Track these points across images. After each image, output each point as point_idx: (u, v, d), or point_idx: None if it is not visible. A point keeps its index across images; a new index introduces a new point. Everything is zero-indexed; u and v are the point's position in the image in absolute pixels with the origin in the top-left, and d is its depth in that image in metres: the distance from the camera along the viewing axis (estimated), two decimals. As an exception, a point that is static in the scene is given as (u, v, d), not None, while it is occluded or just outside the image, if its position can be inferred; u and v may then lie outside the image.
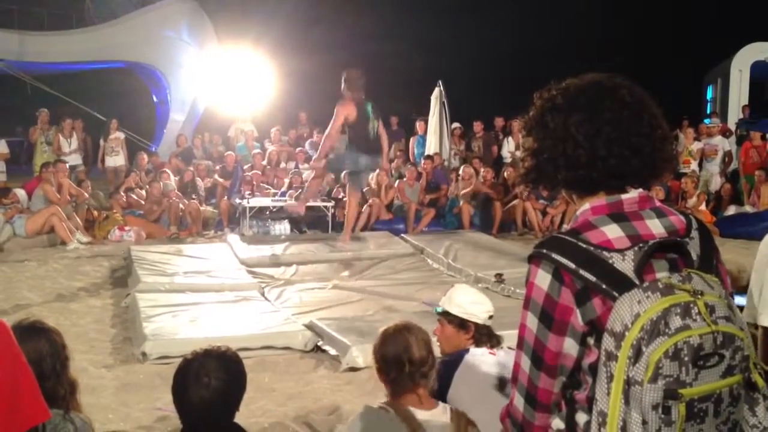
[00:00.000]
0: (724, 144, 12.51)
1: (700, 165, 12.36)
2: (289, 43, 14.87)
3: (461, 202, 10.73)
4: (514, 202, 10.77)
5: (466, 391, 2.71)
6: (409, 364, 2.39)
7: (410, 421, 2.31)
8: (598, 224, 1.44)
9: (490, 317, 2.95)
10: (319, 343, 5.34)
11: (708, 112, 16.39)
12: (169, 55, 15.74)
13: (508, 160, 12.17)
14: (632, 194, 1.48)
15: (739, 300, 2.23)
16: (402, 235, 9.80)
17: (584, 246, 1.41)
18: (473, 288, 3.13)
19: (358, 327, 5.36)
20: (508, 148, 12.52)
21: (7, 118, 16.36)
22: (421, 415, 2.35)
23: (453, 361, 2.83)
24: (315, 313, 6.15)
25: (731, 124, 14.76)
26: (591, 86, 1.51)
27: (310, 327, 5.59)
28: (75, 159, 11.85)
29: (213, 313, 5.97)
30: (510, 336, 2.14)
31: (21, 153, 14.57)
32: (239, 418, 2.36)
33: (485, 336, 2.91)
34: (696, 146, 12.32)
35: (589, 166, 1.46)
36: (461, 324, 2.92)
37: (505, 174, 11.31)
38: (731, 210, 11.12)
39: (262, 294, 6.82)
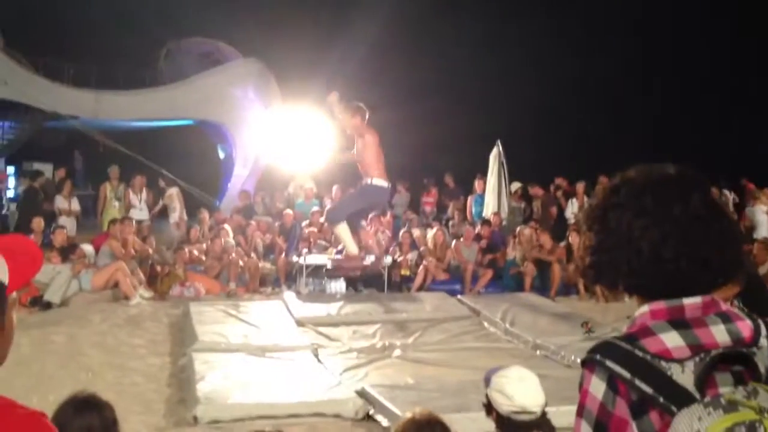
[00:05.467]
0: None
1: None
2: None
3: (524, 264, 10.54)
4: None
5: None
6: None
7: None
8: (656, 331, 1.36)
9: (518, 413, 2.67)
10: (370, 412, 5.26)
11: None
12: (236, 112, 16.32)
13: (572, 221, 11.97)
14: (695, 299, 1.40)
15: None
16: (458, 296, 9.68)
17: (641, 354, 1.33)
18: (523, 374, 2.81)
19: (410, 396, 5.26)
20: (572, 209, 12.34)
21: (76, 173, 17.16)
22: None
23: None
24: (367, 378, 6.08)
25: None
26: (659, 185, 1.42)
27: (361, 394, 5.51)
28: (142, 214, 12.26)
29: (266, 375, 5.97)
30: (567, 412, 2.01)
31: (89, 208, 15.11)
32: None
33: (514, 428, 2.68)
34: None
35: (652, 278, 1.39)
36: (488, 408, 2.79)
37: (569, 237, 11.07)
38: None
39: (316, 355, 6.79)
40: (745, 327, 1.41)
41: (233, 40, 17.99)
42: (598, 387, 1.36)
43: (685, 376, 1.31)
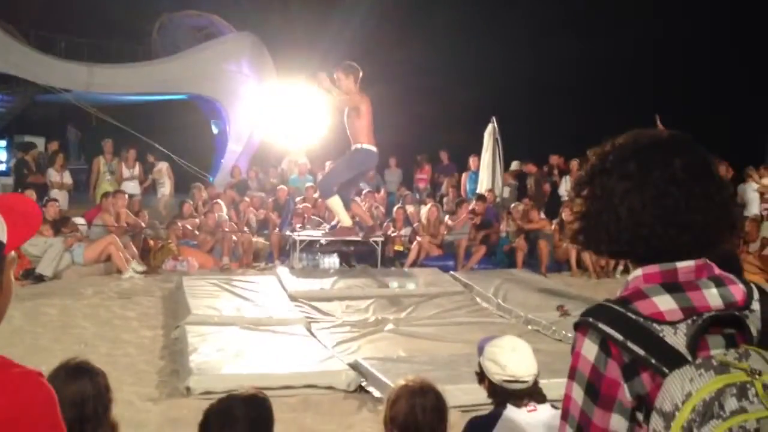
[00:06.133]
0: None
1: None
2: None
3: (515, 240, 10.56)
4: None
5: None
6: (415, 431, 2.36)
7: None
8: (649, 294, 1.36)
9: (510, 382, 2.67)
10: (362, 383, 5.28)
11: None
12: (230, 87, 16.16)
13: (565, 198, 12.00)
14: (688, 262, 1.40)
15: None
16: (451, 272, 9.70)
17: (633, 317, 1.33)
18: (516, 344, 2.80)
19: (402, 369, 5.27)
20: (566, 186, 12.34)
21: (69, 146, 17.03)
22: None
23: (487, 419, 2.71)
24: (360, 352, 6.10)
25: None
26: (644, 150, 1.41)
27: (354, 366, 5.53)
28: (134, 188, 12.20)
29: (259, 348, 5.98)
30: (559, 384, 2.02)
31: (82, 181, 15.05)
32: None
33: (506, 397, 2.67)
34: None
35: (631, 244, 1.39)
36: (480, 376, 2.79)
37: (563, 214, 11.09)
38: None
39: (308, 329, 6.80)
40: (737, 290, 1.41)
41: (227, 13, 17.79)
42: (590, 349, 1.36)
43: (677, 338, 1.31)
